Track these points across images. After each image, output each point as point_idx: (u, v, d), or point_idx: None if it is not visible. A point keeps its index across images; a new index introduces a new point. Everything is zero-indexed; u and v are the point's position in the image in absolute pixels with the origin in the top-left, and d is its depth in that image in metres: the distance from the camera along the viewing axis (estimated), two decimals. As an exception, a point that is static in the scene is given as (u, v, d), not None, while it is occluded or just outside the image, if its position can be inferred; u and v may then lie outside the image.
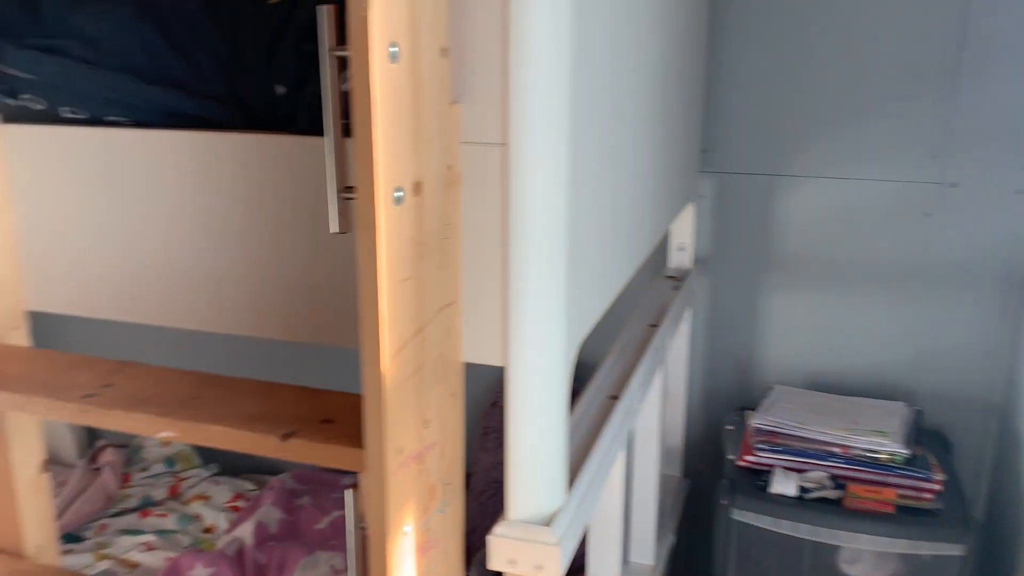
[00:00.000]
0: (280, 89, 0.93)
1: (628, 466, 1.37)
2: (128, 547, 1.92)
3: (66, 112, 1.02)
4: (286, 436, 0.80)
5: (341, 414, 0.84)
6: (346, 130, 0.74)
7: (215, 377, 0.93)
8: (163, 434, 0.84)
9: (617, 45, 1.01)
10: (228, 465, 2.28)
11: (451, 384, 0.87)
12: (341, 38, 0.71)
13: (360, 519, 0.79)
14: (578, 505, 0.94)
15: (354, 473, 1.85)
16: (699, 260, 1.86)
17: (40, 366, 0.97)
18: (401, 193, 0.74)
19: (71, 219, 1.03)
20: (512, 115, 0.80)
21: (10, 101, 1.04)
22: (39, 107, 1.03)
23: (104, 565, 1.86)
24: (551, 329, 0.86)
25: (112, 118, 1.01)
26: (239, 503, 2.10)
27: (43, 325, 1.19)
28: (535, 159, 0.81)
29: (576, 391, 0.99)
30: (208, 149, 0.93)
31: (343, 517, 1.96)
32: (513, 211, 0.82)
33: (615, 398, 1.17)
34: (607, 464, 1.10)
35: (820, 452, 1.55)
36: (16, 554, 1.10)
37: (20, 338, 1.07)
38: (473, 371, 0.90)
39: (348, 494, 0.80)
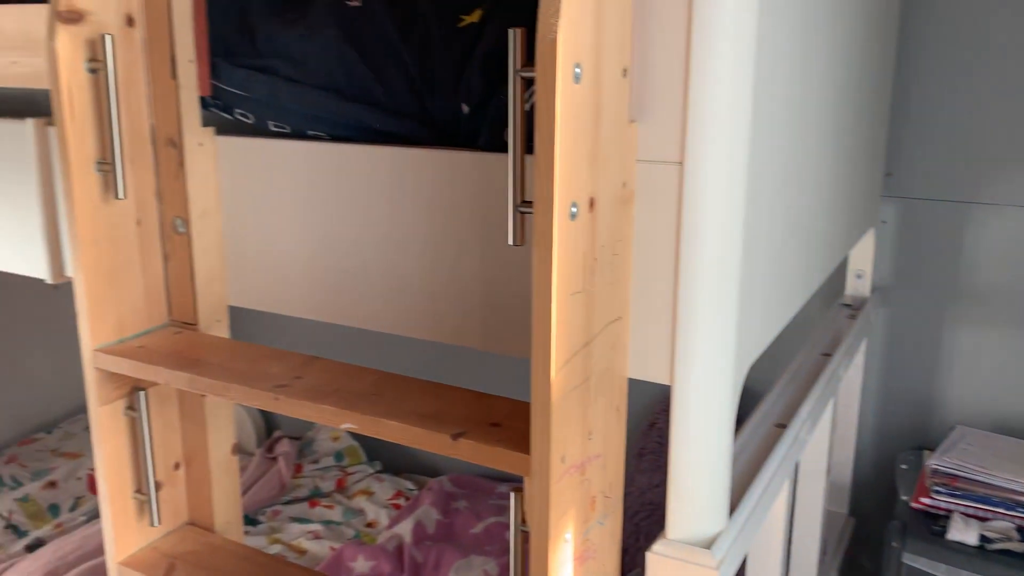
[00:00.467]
0: (465, 108, 0.98)
1: (792, 498, 1.32)
2: (297, 534, 2.04)
3: (272, 126, 1.12)
4: (456, 436, 0.83)
5: (508, 419, 0.87)
6: (527, 147, 0.77)
7: (391, 376, 0.99)
8: (345, 425, 0.89)
9: (799, 64, 0.99)
10: (390, 464, 2.38)
11: (615, 398, 0.88)
12: (527, 59, 0.75)
13: (522, 522, 0.82)
14: (739, 531, 0.93)
15: (511, 481, 1.91)
16: (878, 289, 1.78)
17: (238, 356, 1.06)
18: (576, 209, 0.76)
19: (271, 224, 1.12)
20: (691, 134, 0.81)
21: (226, 115, 1.15)
22: (249, 121, 1.13)
23: (276, 549, 1.99)
24: (720, 350, 0.85)
25: (312, 132, 1.09)
26: (399, 501, 2.19)
27: (238, 319, 1.29)
28: (712, 179, 0.81)
29: (741, 417, 0.97)
30: (397, 163, 0.99)
31: (498, 524, 2.01)
32: (687, 230, 0.82)
33: (782, 426, 1.14)
34: (771, 493, 1.07)
35: (1006, 501, 1.43)
36: (207, 528, 1.20)
37: (221, 330, 1.18)
38: (630, 391, 0.91)
39: (513, 496, 0.82)
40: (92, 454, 2.34)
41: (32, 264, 1.33)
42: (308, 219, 1.08)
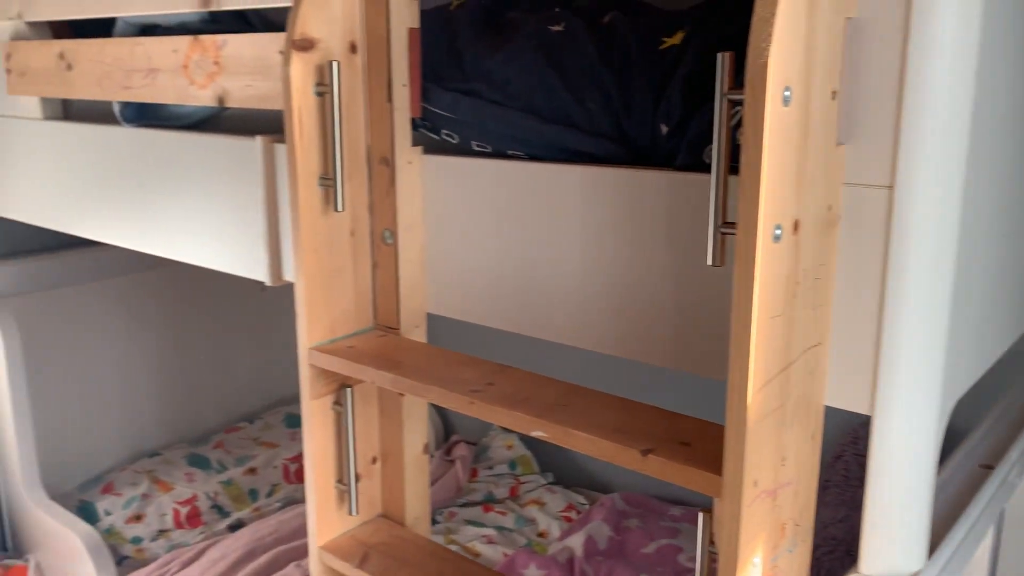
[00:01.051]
0: (664, 128, 0.99)
1: (996, 547, 1.24)
2: (472, 537, 2.11)
3: (475, 146, 1.18)
4: (646, 452, 0.85)
5: (697, 439, 0.87)
6: (731, 168, 0.78)
7: (579, 388, 1.02)
8: (536, 433, 0.93)
9: (1019, 83, 0.94)
10: (562, 476, 2.42)
11: (810, 425, 0.87)
12: (735, 82, 0.75)
13: (710, 544, 0.82)
14: (938, 574, 0.88)
15: (684, 504, 1.89)
16: (1101, 326, 1.62)
17: (435, 360, 1.13)
18: (780, 231, 0.76)
19: (469, 237, 1.18)
20: (902, 158, 0.79)
21: (433, 136, 1.22)
22: (454, 141, 1.20)
23: (451, 549, 2.07)
24: (926, 383, 0.82)
25: (512, 152, 1.14)
26: (571, 514, 2.22)
27: (433, 325, 1.37)
28: (924, 204, 0.79)
29: (942, 455, 0.92)
30: (593, 181, 1.02)
31: (670, 546, 2.00)
32: (895, 255, 0.80)
33: (989, 468, 1.07)
34: (973, 538, 1.01)
35: None
36: (398, 522, 1.28)
37: (420, 335, 1.25)
38: (831, 416, 0.88)
39: (701, 517, 0.83)
40: (287, 445, 2.53)
41: (254, 268, 1.47)
42: (504, 234, 1.13)
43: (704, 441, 0.87)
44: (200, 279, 2.67)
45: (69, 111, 1.87)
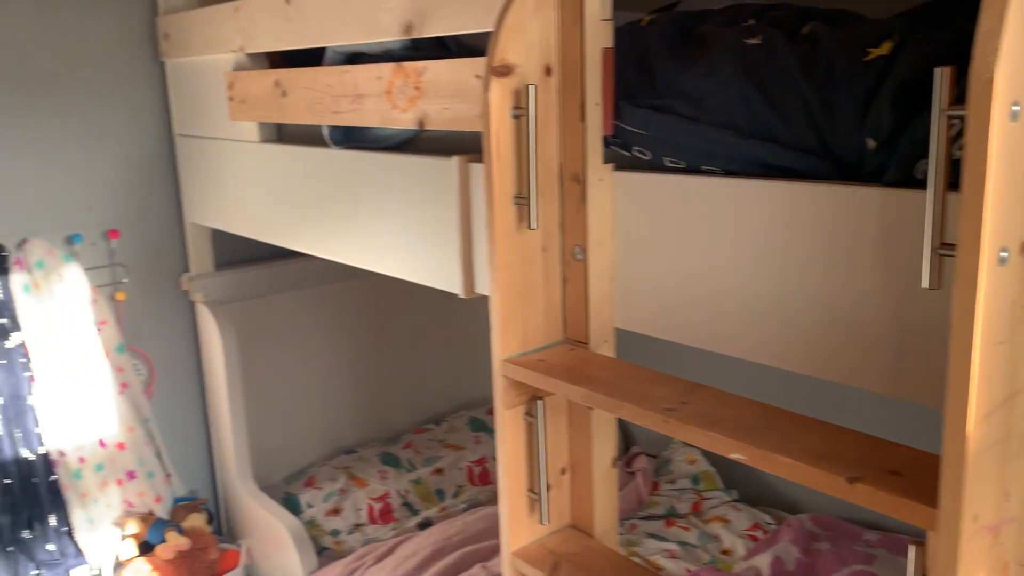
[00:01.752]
0: (871, 143, 0.96)
1: None
2: (654, 550, 2.10)
3: (668, 162, 1.18)
4: (853, 480, 0.82)
5: (909, 469, 0.83)
6: (950, 186, 0.74)
7: (780, 410, 0.99)
8: (734, 455, 0.92)
9: None
10: (747, 494, 2.36)
11: (1038, 459, 0.81)
12: (955, 97, 0.72)
13: (923, 579, 0.78)
14: None
15: (881, 530, 1.78)
16: None
17: (626, 376, 1.14)
18: (1006, 254, 0.71)
19: (659, 253, 1.18)
20: None
21: (624, 152, 1.23)
22: (646, 158, 1.21)
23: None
24: None
25: (706, 167, 1.13)
26: (756, 533, 2.15)
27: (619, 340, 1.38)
28: None
29: None
30: (795, 197, 1.00)
31: (864, 572, 1.90)
32: None
33: None
34: None
35: None
36: (587, 533, 1.30)
37: (608, 350, 1.27)
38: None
39: (913, 550, 0.79)
40: (472, 448, 2.61)
41: (448, 280, 1.54)
42: (697, 250, 1.13)
43: (916, 471, 0.83)
44: (392, 289, 2.82)
45: (282, 134, 2.04)
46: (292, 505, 2.44)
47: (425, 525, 2.38)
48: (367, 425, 2.83)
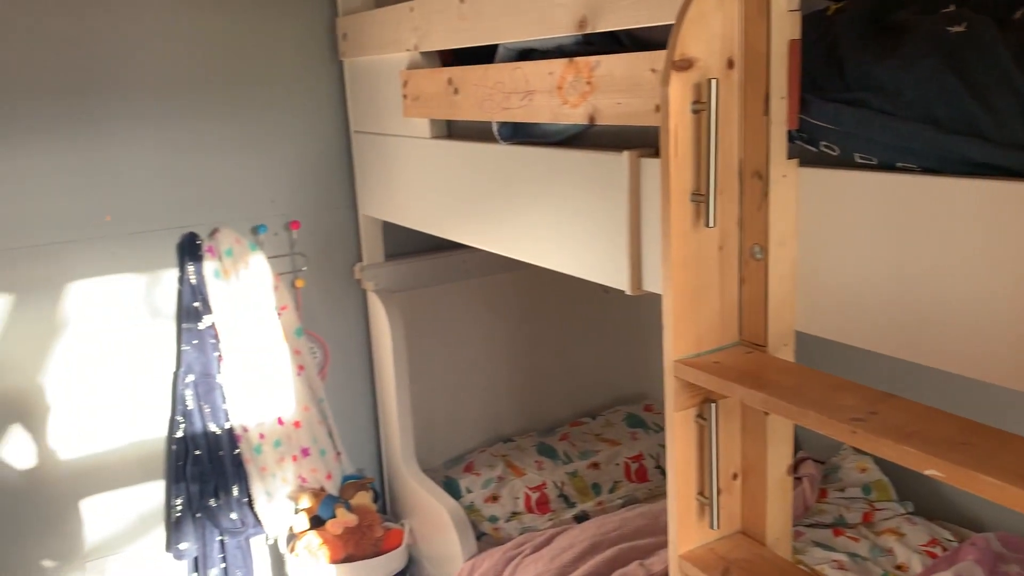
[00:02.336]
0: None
1: None
2: (821, 560, 2.01)
3: (858, 158, 1.13)
4: (1073, 507, 0.75)
5: None
6: None
7: (979, 425, 0.93)
8: (930, 472, 0.87)
9: None
10: (923, 507, 2.22)
11: None
12: None
13: None
14: None
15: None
16: None
17: (808, 382, 1.09)
18: None
19: (846, 254, 1.13)
20: None
21: (810, 148, 1.18)
22: (834, 153, 1.15)
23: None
24: None
25: (902, 164, 1.07)
26: (934, 549, 2.02)
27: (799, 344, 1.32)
28: None
29: None
30: (1005, 198, 0.92)
31: (1062, 601, 1.74)
32: None
33: None
34: None
35: None
36: (758, 540, 1.26)
37: (787, 354, 1.22)
38: None
39: None
40: (628, 444, 2.60)
41: (615, 276, 1.53)
42: (889, 252, 1.06)
43: None
44: (551, 282, 2.84)
45: (452, 131, 2.09)
46: (452, 489, 2.51)
47: (581, 518, 2.39)
48: (524, 415, 2.87)
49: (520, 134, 1.78)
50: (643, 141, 1.49)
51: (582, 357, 2.96)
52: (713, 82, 1.12)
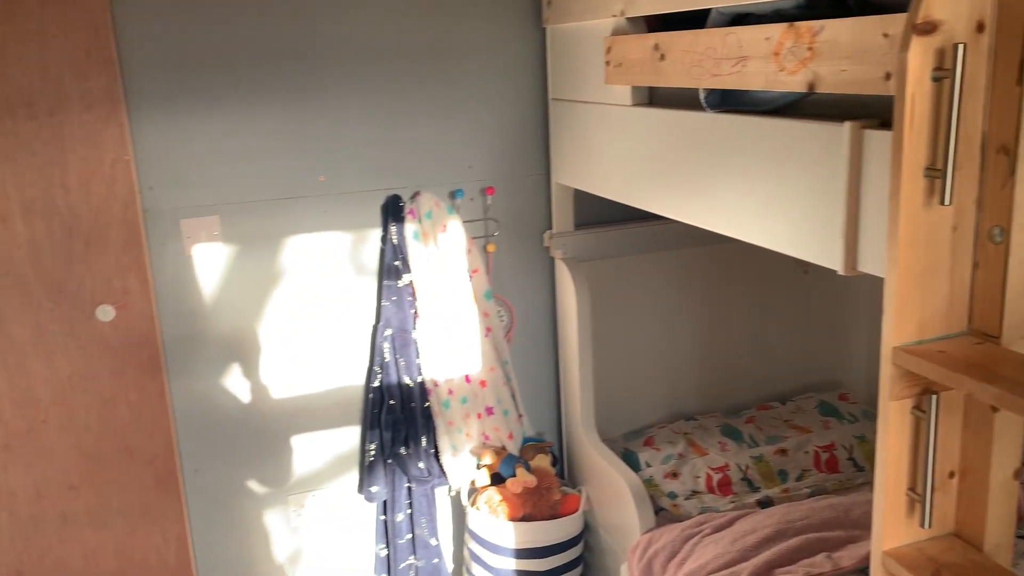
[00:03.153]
0: None
1: None
2: (1034, 574, 1.85)
3: None
4: None
5: None
6: None
7: None
8: None
9: None
10: None
11: None
12: None
13: None
14: None
15: None
16: None
17: (1050, 380, 0.99)
18: None
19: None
20: None
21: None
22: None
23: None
24: None
25: None
26: None
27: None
28: None
29: None
30: None
31: None
32: None
33: None
34: None
35: None
36: (975, 545, 1.17)
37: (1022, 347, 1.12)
38: None
39: None
40: (820, 433, 2.48)
41: (826, 255, 1.45)
42: None
43: None
44: (745, 259, 2.75)
45: (654, 98, 2.05)
46: (631, 461, 2.50)
47: (765, 504, 2.32)
48: (709, 394, 2.81)
49: (728, 102, 1.72)
50: (864, 111, 1.40)
51: (774, 339, 2.85)
52: (960, 47, 1.03)
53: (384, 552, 2.63)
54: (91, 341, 2.29)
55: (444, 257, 2.47)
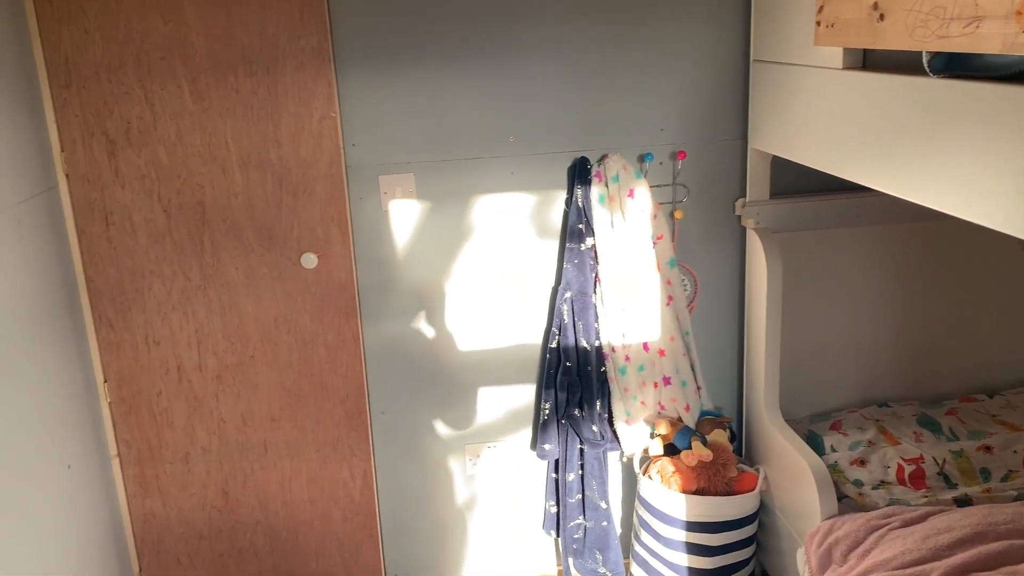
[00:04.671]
0: None
1: None
2: None
3: None
4: None
5: None
6: None
7: None
8: None
9: None
10: None
11: None
12: None
13: None
14: None
15: None
16: None
17: None
18: None
19: None
20: None
21: None
22: None
23: None
24: None
25: None
26: None
27: None
28: None
29: None
30: None
31: None
32: None
33: None
34: None
35: None
36: None
37: None
38: None
39: None
40: (1035, 432, 2.26)
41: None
42: None
43: None
44: (959, 238, 2.53)
45: (867, 61, 1.91)
46: (815, 444, 2.40)
47: (963, 502, 2.15)
48: (905, 381, 2.63)
49: (956, 67, 1.57)
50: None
51: (985, 326, 2.62)
52: None
53: (554, 509, 2.68)
54: (295, 286, 2.45)
55: (629, 222, 2.44)
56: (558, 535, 2.71)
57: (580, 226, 2.47)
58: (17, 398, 2.01)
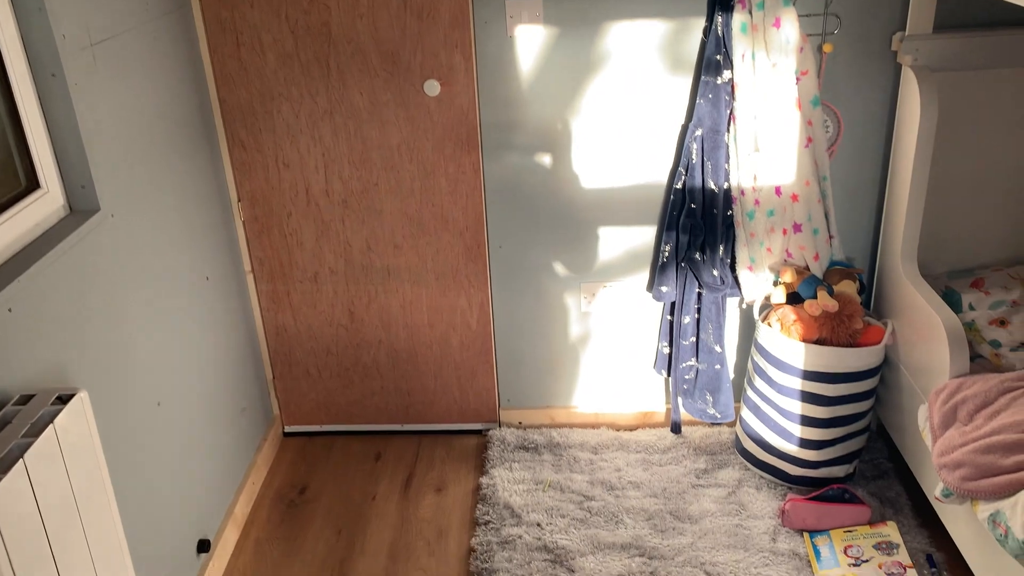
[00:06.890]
0: None
1: None
2: None
3: None
4: None
5: None
6: None
7: None
8: None
9: None
10: None
11: None
12: None
13: None
14: None
15: None
16: None
17: None
18: None
19: None
20: None
21: None
22: None
23: None
24: None
25: None
26: None
27: None
28: None
29: None
30: None
31: None
32: None
33: None
34: None
35: None
36: None
37: None
38: None
39: None
40: None
41: None
42: None
43: None
44: None
45: None
46: (952, 301, 2.27)
47: (1113, 371, 2.01)
48: (1065, 240, 2.42)
49: None
50: None
51: None
52: None
53: (667, 350, 2.68)
54: (418, 113, 2.43)
55: (772, 54, 2.26)
56: (668, 375, 2.72)
57: (718, 57, 2.31)
58: (160, 213, 2.11)
